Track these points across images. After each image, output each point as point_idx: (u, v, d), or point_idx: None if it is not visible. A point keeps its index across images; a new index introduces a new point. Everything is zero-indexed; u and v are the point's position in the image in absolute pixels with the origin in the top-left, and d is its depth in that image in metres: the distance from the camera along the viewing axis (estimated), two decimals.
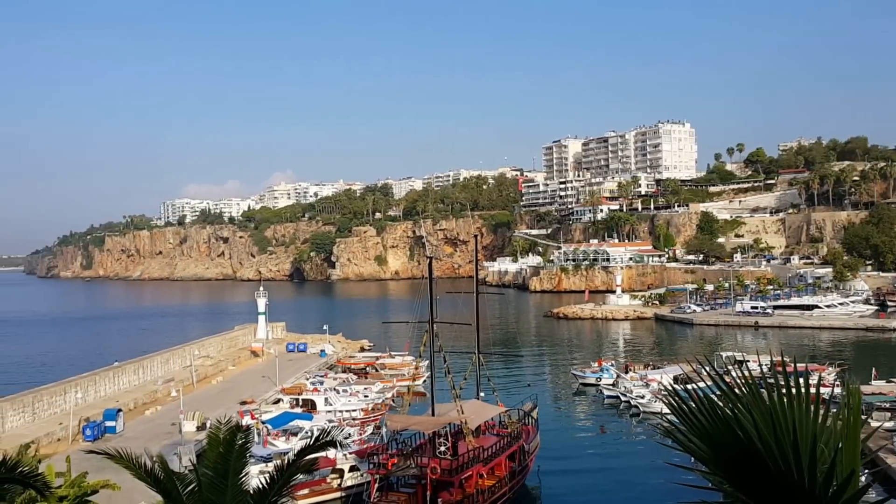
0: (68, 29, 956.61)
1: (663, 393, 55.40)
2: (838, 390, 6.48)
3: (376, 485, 37.71)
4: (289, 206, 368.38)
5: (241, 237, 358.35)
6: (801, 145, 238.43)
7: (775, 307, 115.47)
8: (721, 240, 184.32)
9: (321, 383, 67.99)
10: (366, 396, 64.28)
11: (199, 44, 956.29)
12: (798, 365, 6.08)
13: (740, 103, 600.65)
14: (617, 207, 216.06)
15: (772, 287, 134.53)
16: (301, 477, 13.57)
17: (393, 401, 63.57)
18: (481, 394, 48.64)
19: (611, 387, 66.13)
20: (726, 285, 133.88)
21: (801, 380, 5.28)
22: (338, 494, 41.41)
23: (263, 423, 49.34)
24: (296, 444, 43.46)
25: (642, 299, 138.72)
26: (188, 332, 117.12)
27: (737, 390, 5.21)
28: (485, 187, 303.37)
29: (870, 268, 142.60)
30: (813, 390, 5.21)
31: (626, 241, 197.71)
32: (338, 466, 41.84)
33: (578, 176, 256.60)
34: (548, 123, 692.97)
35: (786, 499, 4.71)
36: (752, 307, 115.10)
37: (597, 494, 43.03)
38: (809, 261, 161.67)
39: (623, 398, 62.39)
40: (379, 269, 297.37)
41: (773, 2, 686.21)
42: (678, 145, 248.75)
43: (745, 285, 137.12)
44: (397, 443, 40.46)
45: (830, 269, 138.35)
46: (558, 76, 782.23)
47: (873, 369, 62.41)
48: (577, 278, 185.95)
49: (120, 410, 54.15)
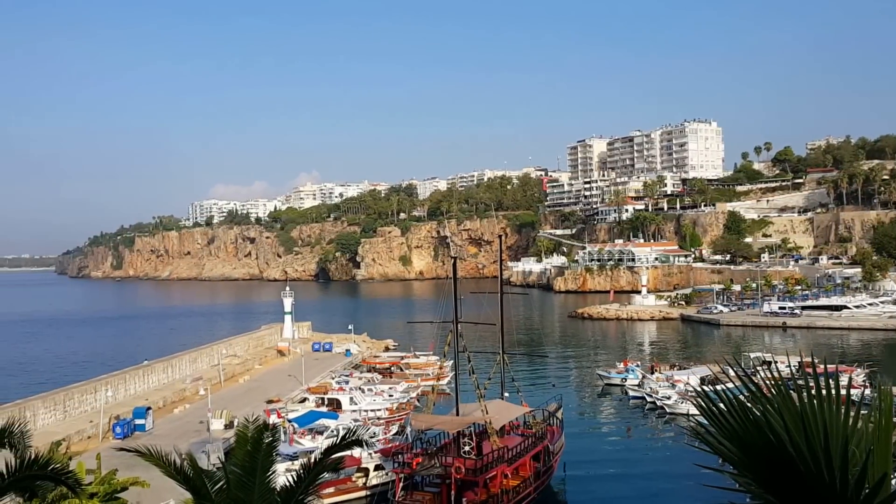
0: (98, 31, 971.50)
1: (691, 394, 55.04)
2: (868, 392, 6.42)
3: (401, 484, 37.81)
4: (314, 207, 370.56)
5: (267, 238, 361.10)
6: (829, 144, 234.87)
7: (803, 308, 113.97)
8: (748, 240, 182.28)
9: (346, 382, 68.30)
10: (390, 396, 64.46)
11: (225, 47, 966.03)
12: (827, 366, 6.03)
13: (768, 102, 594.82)
14: (642, 207, 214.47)
15: (800, 287, 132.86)
16: (327, 475, 13.66)
17: (418, 400, 63.65)
18: (506, 394, 48.56)
19: (636, 387, 65.70)
20: (754, 285, 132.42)
21: (831, 381, 5.24)
22: (363, 493, 41.58)
23: (290, 421, 49.64)
24: (321, 442, 43.70)
25: (668, 300, 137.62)
26: (216, 332, 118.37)
27: (766, 392, 5.19)
28: (509, 187, 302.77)
29: None
30: (843, 392, 5.15)
31: (652, 241, 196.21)
32: (363, 465, 42.01)
33: (603, 176, 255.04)
34: (572, 123, 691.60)
35: (817, 502, 4.68)
36: (780, 308, 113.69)
37: (622, 495, 42.76)
38: (838, 261, 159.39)
39: (649, 399, 61.94)
40: (403, 270, 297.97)
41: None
42: (705, 144, 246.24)
43: (773, 286, 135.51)
44: (422, 442, 40.53)
45: (859, 270, 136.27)
46: (583, 76, 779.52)
47: None
48: (602, 278, 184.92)
49: (149, 408, 54.76)
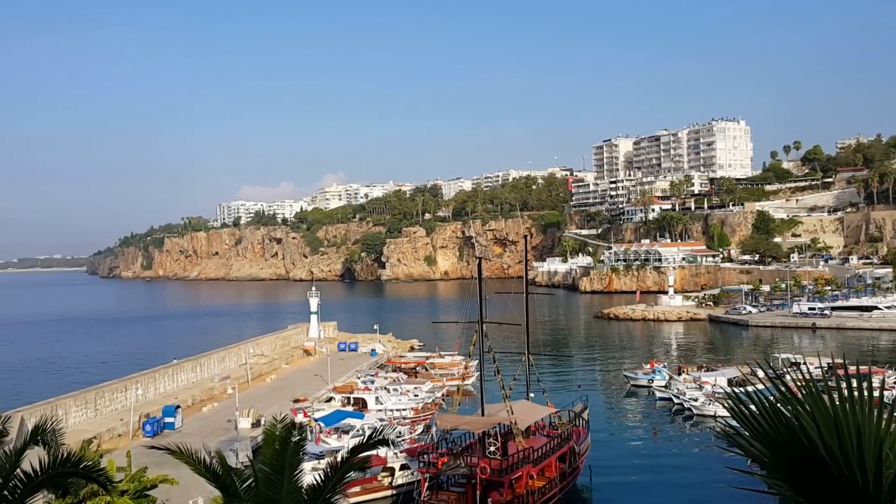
0: (120, 30, 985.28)
1: (720, 395, 54.51)
2: None
3: (426, 484, 37.87)
4: (340, 208, 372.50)
5: (293, 238, 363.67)
6: (859, 142, 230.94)
7: (833, 308, 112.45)
8: (777, 239, 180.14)
9: (372, 382, 68.54)
10: (416, 396, 64.60)
11: (249, 47, 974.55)
12: (859, 367, 5.95)
13: (797, 100, 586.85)
14: (669, 207, 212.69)
15: (830, 288, 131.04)
16: (353, 475, 13.75)
17: (443, 400, 63.71)
18: (531, 394, 48.41)
19: (663, 389, 65.20)
20: (783, 286, 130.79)
21: (864, 383, 5.18)
22: (389, 493, 41.71)
23: (316, 420, 49.94)
24: (347, 441, 43.93)
25: (696, 300, 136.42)
26: (243, 331, 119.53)
27: (797, 393, 5.14)
28: (534, 187, 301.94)
29: None
30: (876, 394, 5.09)
31: (679, 240, 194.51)
32: (389, 465, 42.15)
33: (629, 175, 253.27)
34: (598, 123, 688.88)
35: None
36: (810, 308, 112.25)
37: (648, 497, 42.47)
38: (868, 261, 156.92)
39: (676, 401, 61.44)
40: (428, 270, 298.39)
41: None
42: (733, 143, 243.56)
43: (803, 286, 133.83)
44: (447, 442, 40.54)
45: (890, 270, 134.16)
46: (608, 76, 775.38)
47: None
48: (628, 279, 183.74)
49: (178, 407, 55.41)
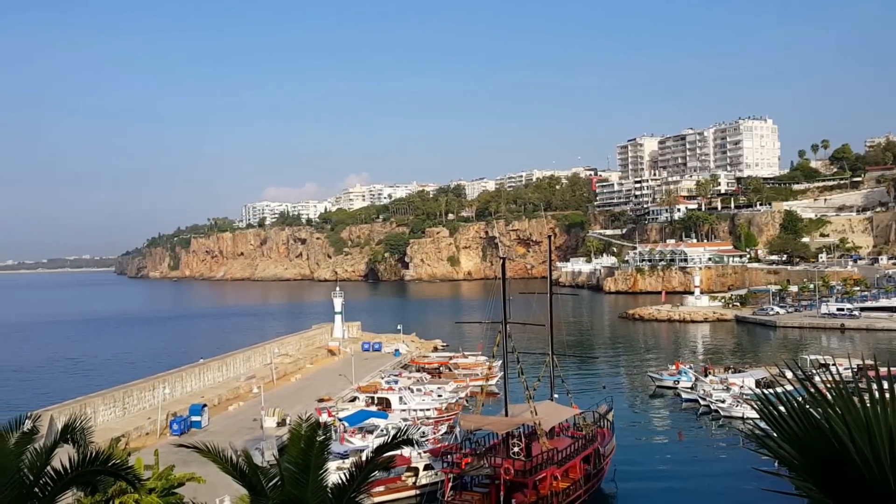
0: (143, 35, 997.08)
1: (747, 396, 53.90)
2: None
3: (450, 484, 37.87)
4: (363, 208, 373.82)
5: (317, 238, 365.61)
6: (889, 141, 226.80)
7: (862, 309, 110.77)
8: (805, 239, 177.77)
9: (396, 382, 68.69)
10: (439, 396, 64.62)
11: (274, 51, 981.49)
12: (890, 369, 5.85)
13: (825, 99, 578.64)
14: (695, 206, 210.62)
15: (858, 288, 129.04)
16: (378, 474, 13.81)
17: (466, 401, 63.67)
18: (555, 395, 48.21)
19: (689, 390, 64.62)
20: (811, 286, 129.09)
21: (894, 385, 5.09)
22: (412, 492, 41.75)
23: (340, 420, 50.17)
24: (371, 441, 44.05)
25: (722, 301, 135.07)
26: (268, 331, 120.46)
27: (827, 395, 5.07)
28: (558, 187, 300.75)
29: None
30: None
31: (705, 240, 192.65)
32: (412, 465, 42.21)
33: (654, 175, 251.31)
34: (622, 123, 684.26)
35: None
36: (839, 309, 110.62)
37: (675, 500, 42.11)
38: None
39: (702, 402, 60.87)
40: (452, 270, 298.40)
41: None
42: (760, 142, 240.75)
43: (831, 286, 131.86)
44: (471, 442, 40.50)
45: None
46: (632, 75, 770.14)
47: None
48: (654, 279, 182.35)
49: (205, 406, 55.94)
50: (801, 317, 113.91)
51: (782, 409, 5.00)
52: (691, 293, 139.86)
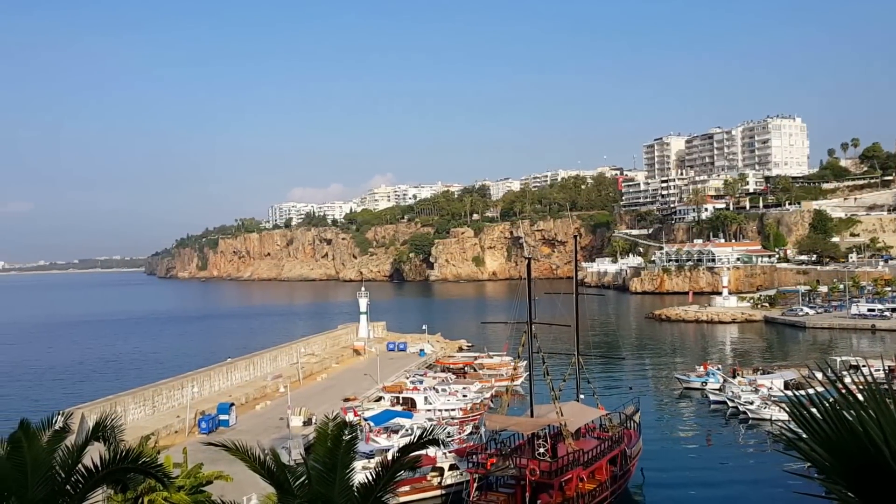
0: (173, 39, 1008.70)
1: (776, 398, 53.20)
2: None
3: (475, 484, 37.84)
4: (389, 209, 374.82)
5: (343, 239, 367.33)
6: None
7: (893, 310, 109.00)
8: (835, 239, 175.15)
9: (421, 382, 68.75)
10: (464, 396, 64.55)
11: (299, 51, 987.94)
12: None
13: (854, 97, 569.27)
14: (723, 206, 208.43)
15: (889, 289, 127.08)
16: (403, 474, 13.84)
17: (491, 401, 63.58)
18: (581, 396, 47.98)
19: (717, 392, 63.96)
20: (841, 287, 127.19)
21: None
22: (438, 492, 41.78)
23: (366, 419, 50.34)
24: (397, 441, 44.16)
25: (751, 301, 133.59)
26: (295, 331, 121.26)
27: (859, 397, 5.00)
28: (583, 187, 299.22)
29: None
30: None
31: (733, 240, 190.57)
32: (438, 465, 42.23)
33: (681, 174, 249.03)
34: (648, 122, 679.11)
35: None
36: (869, 310, 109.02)
37: (702, 502, 41.70)
38: None
39: (730, 404, 60.22)
40: (476, 270, 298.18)
41: None
42: (789, 141, 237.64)
43: (861, 287, 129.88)
44: (496, 443, 40.43)
45: None
46: (658, 74, 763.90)
47: None
48: (681, 279, 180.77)
49: (233, 404, 56.44)
50: (830, 318, 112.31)
51: (814, 411, 4.94)
52: (719, 294, 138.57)
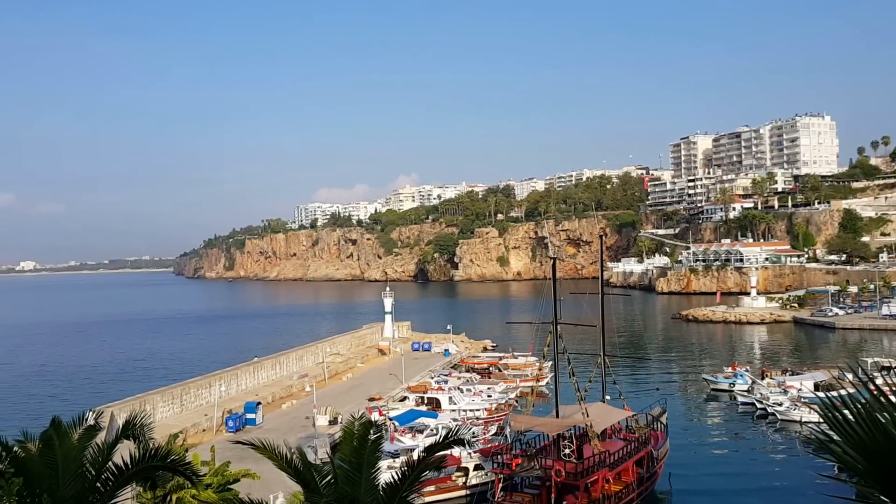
0: (195, 39, 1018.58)
1: (806, 399, 52.47)
2: None
3: (500, 484, 37.78)
4: (413, 209, 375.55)
5: (368, 239, 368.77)
6: None
7: None
8: (865, 238, 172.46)
9: (445, 382, 68.78)
10: (489, 396, 64.47)
11: (323, 50, 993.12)
12: None
13: (885, 94, 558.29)
14: (751, 205, 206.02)
15: None
16: (429, 474, 13.86)
17: (516, 401, 63.45)
18: (607, 397, 47.71)
19: (745, 393, 63.27)
20: (871, 287, 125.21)
21: None
22: (462, 492, 41.77)
23: (391, 419, 50.48)
24: (421, 441, 44.23)
25: (779, 302, 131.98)
26: (320, 331, 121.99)
27: (892, 399, 4.91)
28: (609, 187, 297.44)
29: None
30: None
31: (762, 240, 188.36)
32: (463, 465, 42.22)
33: (708, 173, 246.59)
34: (674, 120, 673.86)
35: None
36: None
37: None
38: None
39: (759, 405, 59.53)
40: (501, 270, 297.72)
41: None
42: (817, 139, 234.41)
43: (892, 287, 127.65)
44: (521, 443, 40.33)
45: None
46: (684, 72, 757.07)
47: None
48: (708, 279, 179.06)
49: (259, 403, 56.88)
50: (861, 318, 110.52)
51: (847, 413, 4.86)
52: (747, 294, 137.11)
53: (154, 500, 23.07)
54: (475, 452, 42.79)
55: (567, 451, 38.08)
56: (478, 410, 59.35)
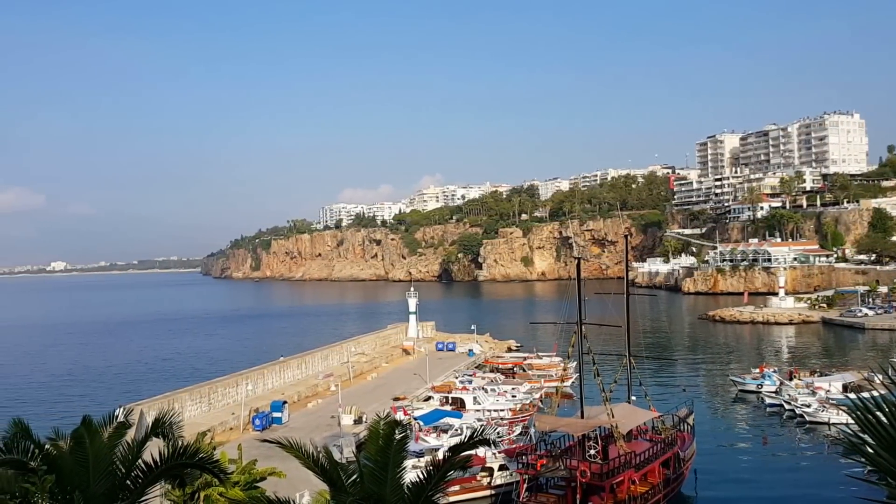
0: (219, 38, 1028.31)
1: (833, 401, 51.72)
2: None
3: (525, 485, 37.71)
4: (437, 209, 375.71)
5: (392, 239, 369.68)
6: None
7: None
8: (895, 238, 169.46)
9: (470, 382, 68.78)
10: (513, 396, 64.37)
11: (347, 49, 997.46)
12: None
13: None
14: (779, 205, 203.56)
15: None
16: (454, 473, 13.90)
17: (541, 401, 63.27)
18: (633, 397, 47.42)
19: (773, 394, 62.55)
20: None
21: None
22: (487, 492, 41.75)
23: (415, 419, 50.57)
24: (446, 440, 44.28)
25: (808, 302, 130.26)
26: (345, 330, 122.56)
27: None
28: (634, 186, 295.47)
29: None
30: None
31: (790, 240, 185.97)
32: (487, 465, 42.20)
33: (735, 172, 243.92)
34: (700, 119, 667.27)
35: None
36: None
37: None
38: None
39: (787, 407, 58.83)
40: (525, 270, 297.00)
41: None
42: (846, 137, 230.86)
43: None
44: (546, 444, 40.22)
45: None
46: (710, 70, 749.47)
47: None
48: (735, 279, 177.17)
49: (285, 402, 57.28)
50: (891, 319, 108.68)
51: (880, 415, 4.79)
52: (775, 294, 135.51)
53: (182, 497, 23.37)
54: (500, 453, 42.75)
55: (592, 451, 37.89)
56: (502, 410, 59.30)
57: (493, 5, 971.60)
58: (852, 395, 6.52)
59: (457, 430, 47.63)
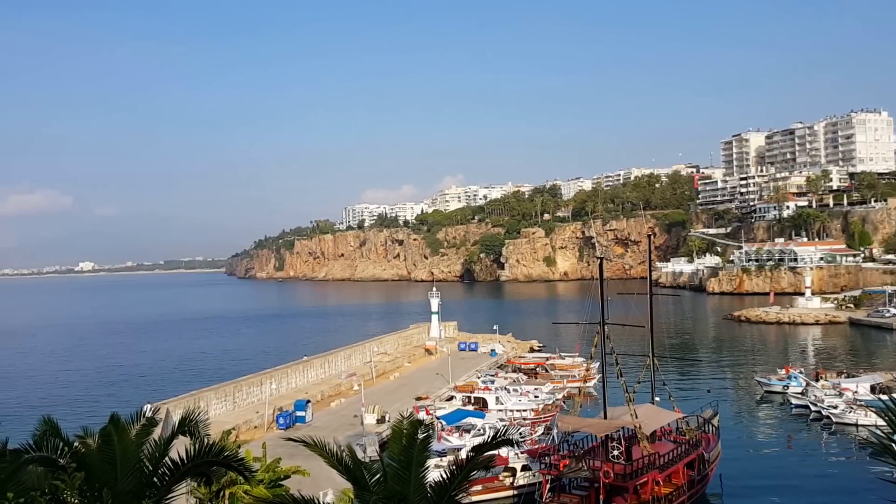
0: (243, 40, 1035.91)
1: (860, 402, 51.03)
2: None
3: (548, 485, 37.61)
4: (459, 209, 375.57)
5: (414, 240, 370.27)
6: None
7: None
8: None
9: (492, 382, 68.75)
10: (536, 397, 64.23)
11: (371, 50, 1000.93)
12: None
13: None
14: (805, 204, 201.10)
15: None
16: (477, 473, 13.93)
17: (564, 402, 63.07)
18: (656, 398, 47.10)
19: (799, 395, 61.86)
20: None
21: None
22: (510, 493, 41.70)
23: (438, 418, 50.64)
24: (468, 440, 44.30)
25: (835, 302, 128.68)
26: (367, 330, 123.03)
27: None
28: (657, 186, 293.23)
29: None
30: None
31: (816, 239, 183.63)
32: (510, 465, 42.16)
33: (761, 171, 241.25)
34: (725, 118, 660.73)
35: None
36: None
37: None
38: None
39: (813, 408, 58.14)
40: (547, 270, 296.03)
41: None
42: (874, 136, 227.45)
43: None
44: (569, 444, 40.09)
45: None
46: (734, 69, 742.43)
47: None
48: (761, 279, 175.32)
49: (309, 401, 57.61)
50: None
51: None
52: (802, 294, 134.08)
53: (208, 495, 23.61)
54: (523, 453, 42.69)
55: (616, 452, 37.69)
56: (525, 411, 59.21)
57: (516, 5, 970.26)
58: (884, 397, 6.45)
59: (479, 429, 47.64)
